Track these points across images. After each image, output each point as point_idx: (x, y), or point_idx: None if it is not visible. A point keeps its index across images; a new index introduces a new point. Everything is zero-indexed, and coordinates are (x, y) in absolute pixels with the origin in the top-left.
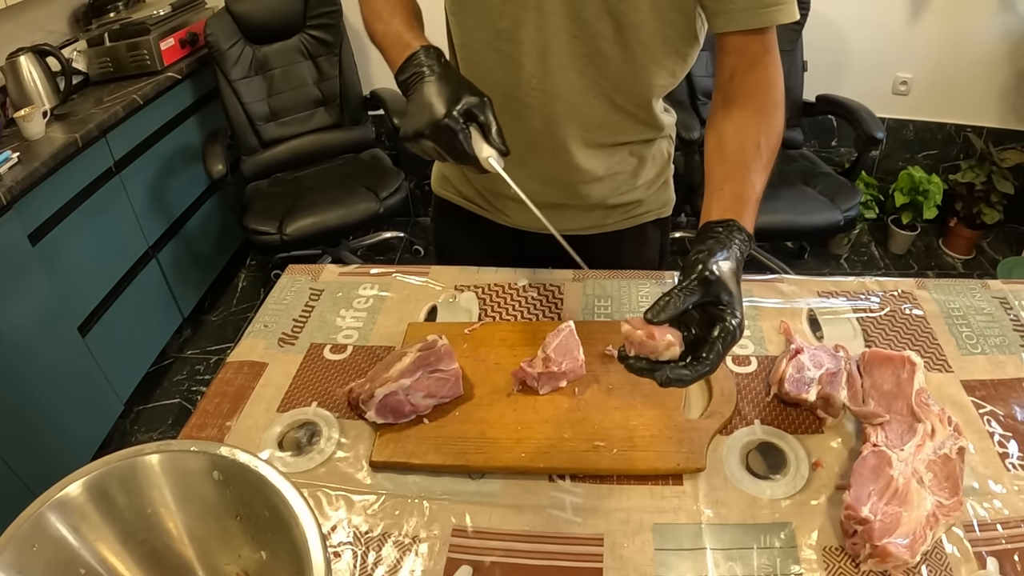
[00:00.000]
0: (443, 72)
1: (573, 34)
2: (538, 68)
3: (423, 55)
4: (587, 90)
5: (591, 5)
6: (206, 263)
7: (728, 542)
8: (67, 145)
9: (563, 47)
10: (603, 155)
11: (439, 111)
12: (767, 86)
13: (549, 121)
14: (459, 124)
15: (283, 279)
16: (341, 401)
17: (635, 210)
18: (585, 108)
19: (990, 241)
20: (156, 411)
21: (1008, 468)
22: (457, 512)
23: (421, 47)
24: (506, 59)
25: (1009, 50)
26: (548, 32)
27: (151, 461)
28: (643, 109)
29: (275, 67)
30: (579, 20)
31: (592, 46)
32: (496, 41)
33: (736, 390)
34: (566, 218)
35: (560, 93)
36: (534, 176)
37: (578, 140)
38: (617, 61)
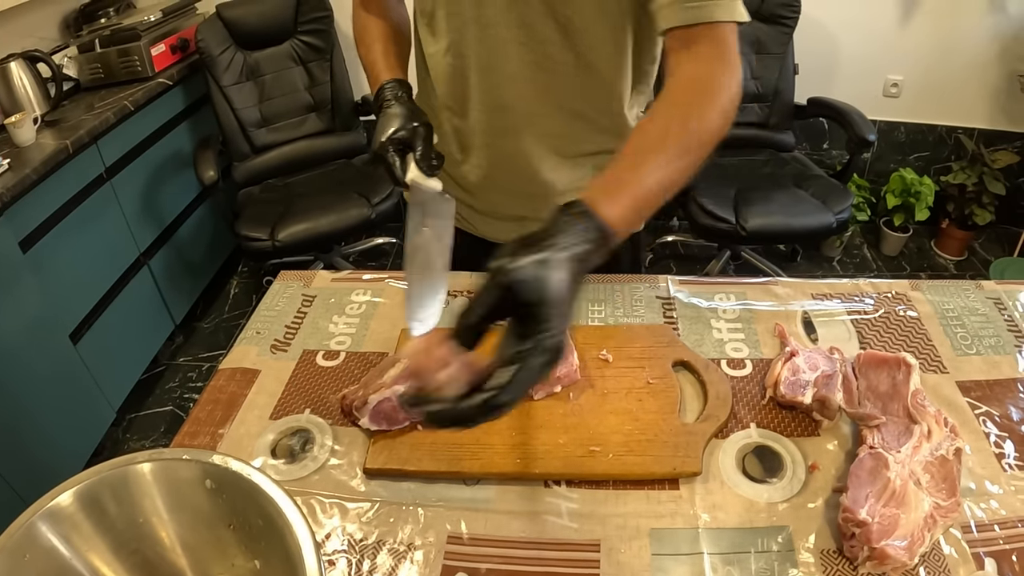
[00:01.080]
0: (397, 105)
1: (520, 42)
2: (486, 80)
3: (388, 90)
4: (541, 100)
5: (534, 11)
6: (198, 270)
7: (725, 546)
8: (58, 152)
9: (510, 57)
10: (567, 166)
11: (377, 142)
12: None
13: (504, 134)
14: (389, 152)
15: (275, 285)
16: (334, 408)
17: None
18: (541, 119)
19: (982, 242)
20: (148, 419)
21: (1005, 469)
22: (452, 519)
23: (387, 82)
24: (457, 72)
25: (999, 51)
26: (492, 43)
27: (143, 470)
28: (607, 116)
29: (266, 73)
30: (525, 26)
31: (541, 53)
32: (446, 56)
33: (731, 393)
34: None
35: (512, 104)
36: (497, 188)
37: (537, 152)
38: (569, 66)
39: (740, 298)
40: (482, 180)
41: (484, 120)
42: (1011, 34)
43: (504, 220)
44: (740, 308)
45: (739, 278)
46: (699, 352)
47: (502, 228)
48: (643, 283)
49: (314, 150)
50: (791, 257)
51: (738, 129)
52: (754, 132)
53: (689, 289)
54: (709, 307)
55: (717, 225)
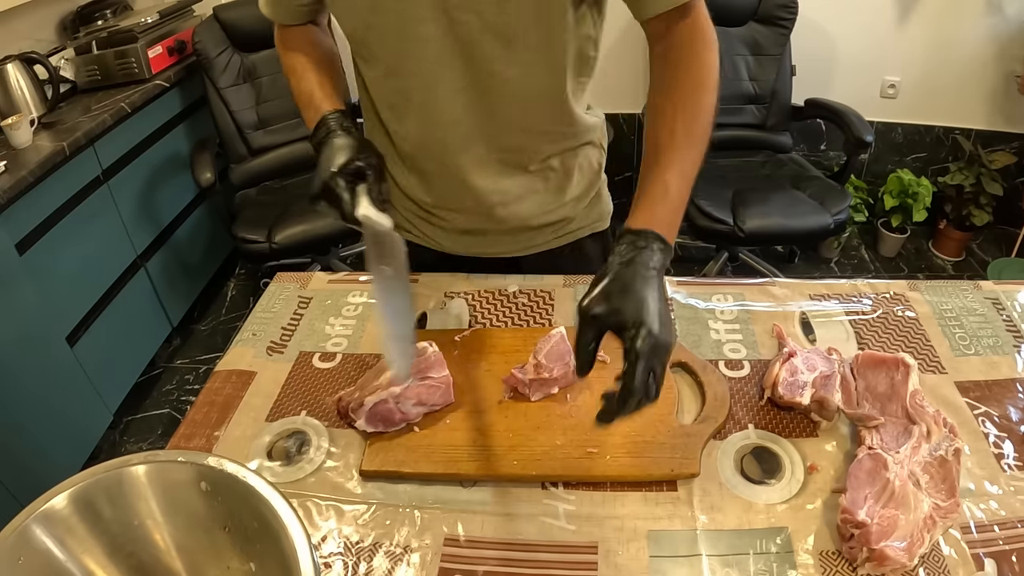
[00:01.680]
0: (343, 136)
1: (463, 60)
2: (429, 100)
3: (332, 120)
4: (486, 115)
5: (474, 28)
6: (195, 272)
7: (724, 548)
8: (55, 153)
9: (455, 76)
10: (517, 176)
11: (326, 173)
12: (689, 67)
13: (452, 151)
14: (339, 185)
15: (271, 287)
16: (331, 410)
17: (565, 227)
18: (487, 133)
19: (980, 243)
20: (146, 421)
21: (1004, 469)
22: (449, 521)
23: (329, 112)
24: (398, 95)
25: (996, 52)
26: (432, 62)
27: (137, 472)
28: (559, 122)
29: (263, 75)
30: (467, 44)
31: (485, 70)
32: (388, 79)
33: (729, 394)
34: (490, 243)
35: (456, 121)
36: (448, 204)
37: (483, 166)
38: (515, 80)
39: (738, 299)
40: (437, 200)
41: (431, 140)
42: (1008, 35)
43: (466, 234)
44: (738, 309)
45: (737, 279)
46: (697, 353)
47: (466, 242)
48: None
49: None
50: (789, 258)
51: (735, 131)
52: (751, 133)
53: (687, 290)
54: (707, 308)
55: (715, 226)
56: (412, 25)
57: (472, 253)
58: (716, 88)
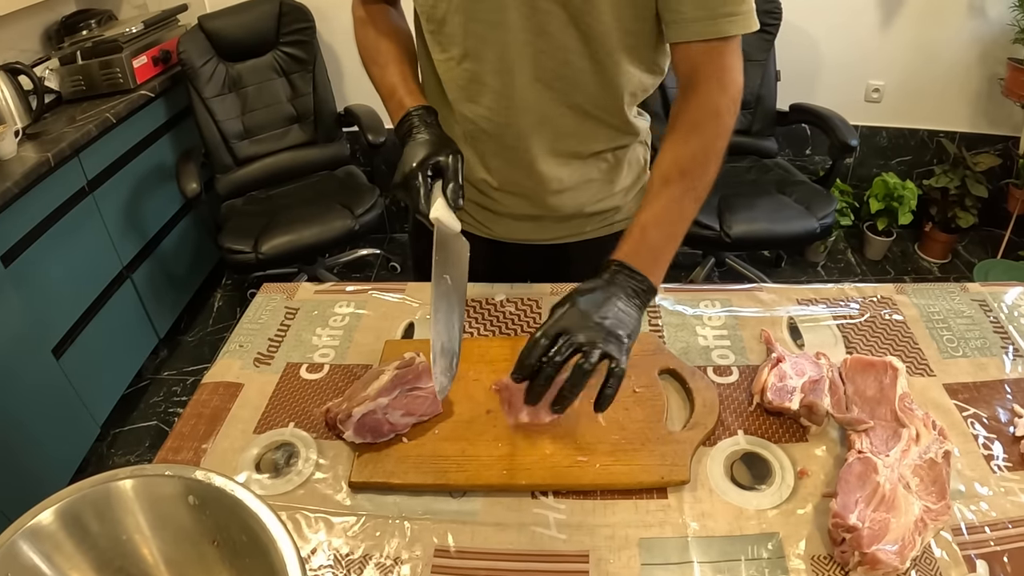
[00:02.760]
0: (429, 131)
1: (539, 49)
2: (505, 85)
3: (415, 117)
4: (557, 103)
5: (556, 19)
6: (181, 283)
7: (715, 554)
8: (39, 164)
9: (528, 62)
10: (576, 164)
11: (410, 166)
12: (699, 106)
13: (519, 136)
14: (422, 179)
15: (258, 298)
16: (319, 421)
17: (613, 217)
18: (555, 120)
19: (965, 244)
20: (133, 434)
21: (994, 470)
22: (439, 532)
23: (413, 108)
24: (474, 77)
25: (980, 55)
26: (512, 49)
27: (125, 486)
28: (616, 116)
29: (249, 84)
30: (544, 35)
31: (560, 59)
32: (464, 61)
33: (718, 400)
34: (543, 228)
35: (529, 108)
36: (508, 189)
37: (548, 152)
38: (587, 72)
39: (725, 305)
40: (498, 183)
41: (503, 125)
42: (991, 38)
43: (520, 220)
44: (725, 315)
45: (724, 285)
46: (685, 360)
47: (518, 228)
48: None
49: (297, 162)
50: (776, 263)
51: None
52: (737, 139)
53: (674, 297)
54: (694, 314)
55: (701, 232)
56: (497, 12)
57: (523, 239)
58: (723, 132)
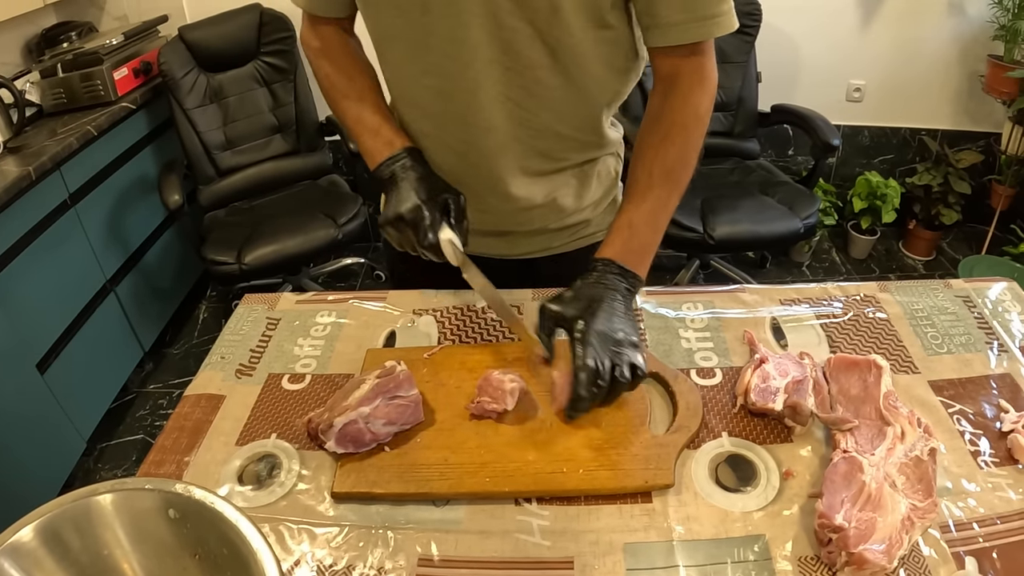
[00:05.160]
0: (424, 171)
1: (506, 67)
2: (470, 103)
3: (407, 156)
4: (526, 122)
5: (523, 35)
6: (166, 295)
7: (701, 558)
8: (20, 178)
9: (496, 81)
10: (543, 182)
11: (419, 198)
12: (682, 107)
13: (485, 155)
14: (430, 212)
15: (239, 309)
16: (301, 432)
17: (582, 231)
18: (524, 139)
19: (949, 241)
20: (120, 447)
21: (981, 466)
22: (423, 541)
23: (405, 148)
24: (437, 94)
25: (960, 53)
26: (478, 67)
27: (104, 501)
28: (589, 131)
29: (230, 95)
30: (511, 52)
31: (529, 77)
32: (425, 78)
33: (702, 403)
34: (511, 244)
35: (496, 126)
36: (474, 205)
37: (516, 170)
38: (557, 88)
39: (708, 307)
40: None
41: (467, 144)
42: (971, 35)
43: (488, 236)
44: (708, 317)
45: (706, 287)
46: (668, 362)
47: (486, 243)
48: None
49: (279, 171)
50: (760, 264)
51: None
52: (719, 141)
53: (656, 300)
54: (677, 317)
55: (684, 235)
56: (460, 29)
57: (492, 254)
58: (703, 133)
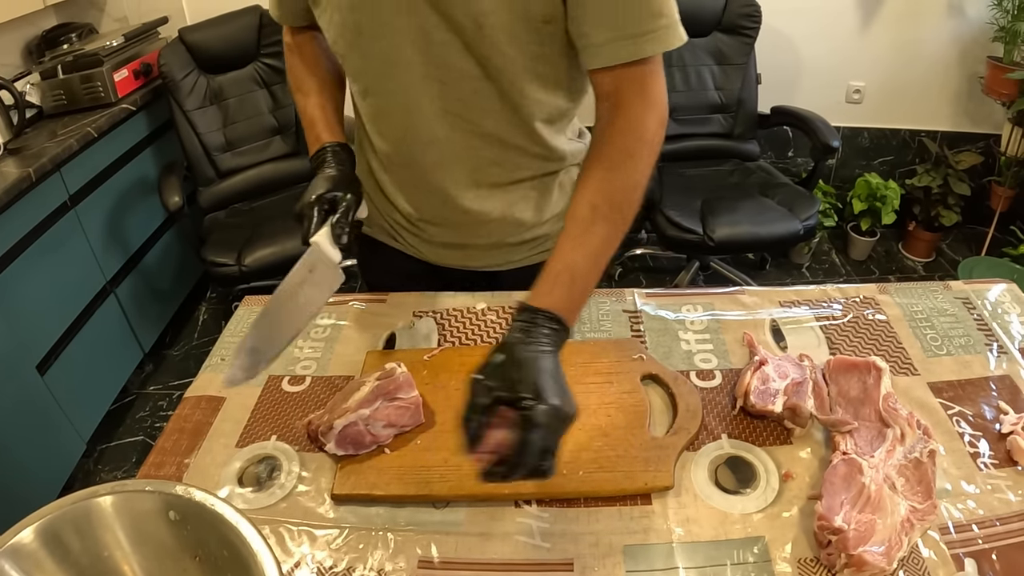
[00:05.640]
0: (334, 168)
1: (442, 81)
2: (412, 119)
3: (328, 153)
4: (470, 134)
5: (453, 49)
6: (166, 297)
7: (701, 560)
8: (20, 180)
9: (435, 96)
10: (498, 195)
11: (305, 200)
12: (627, 131)
13: (430, 170)
14: (314, 212)
15: (239, 311)
16: (301, 434)
17: (542, 245)
18: (470, 152)
19: (949, 243)
20: (120, 449)
21: (980, 468)
22: (423, 543)
23: (327, 144)
24: (380, 111)
25: (959, 54)
26: (414, 83)
27: (104, 503)
28: (537, 144)
29: (230, 97)
30: (445, 66)
31: (466, 88)
32: (368, 96)
33: (701, 405)
34: (469, 257)
35: (439, 141)
36: (431, 218)
37: (467, 185)
38: (494, 100)
39: (707, 309)
40: (421, 214)
41: (412, 158)
42: (970, 37)
43: (449, 248)
44: (708, 319)
45: (706, 288)
46: (667, 365)
47: (449, 255)
48: (609, 297)
49: (279, 173)
50: (760, 266)
51: (703, 140)
52: (719, 143)
53: (656, 302)
54: (676, 319)
55: (684, 236)
56: (393, 49)
57: (454, 266)
58: (652, 157)
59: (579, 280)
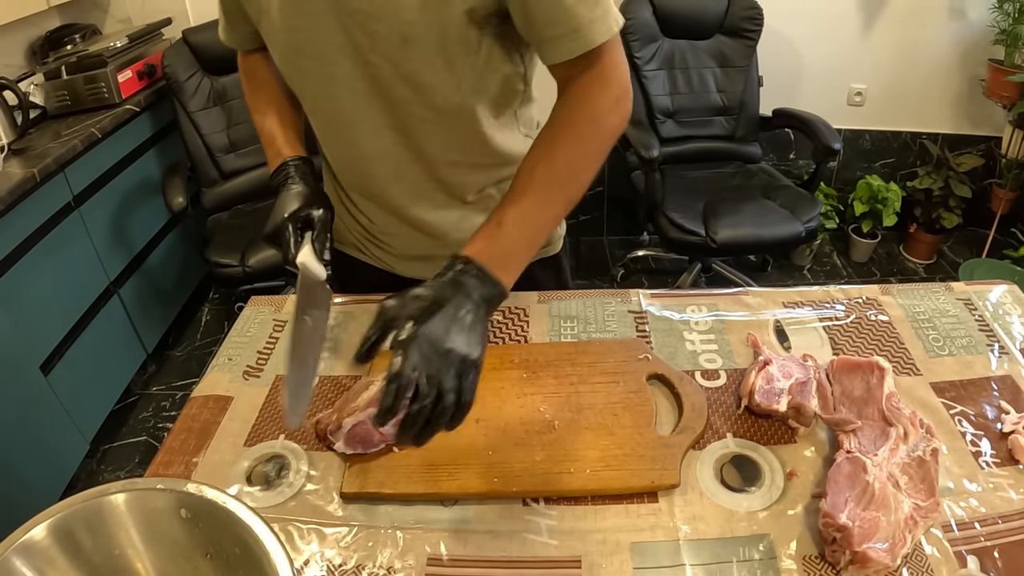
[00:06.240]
0: (301, 184)
1: (382, 98)
2: (356, 137)
3: (291, 167)
4: (408, 153)
5: (384, 71)
6: (169, 298)
7: (707, 557)
8: (25, 180)
9: (373, 115)
10: (455, 207)
11: (279, 217)
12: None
13: (378, 185)
14: (290, 231)
15: (246, 311)
16: (309, 433)
17: None
18: (415, 167)
19: (950, 245)
20: (123, 450)
21: (982, 467)
22: (431, 541)
23: (289, 159)
24: (326, 129)
25: (960, 57)
26: (351, 101)
27: (117, 501)
28: (484, 155)
29: (233, 98)
30: (380, 85)
31: (403, 111)
32: (313, 115)
33: (707, 404)
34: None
35: (382, 157)
36: (391, 232)
37: (421, 197)
38: (429, 122)
39: (712, 309)
40: (380, 226)
41: (359, 173)
42: (971, 40)
43: (415, 260)
44: (712, 319)
45: (710, 290)
46: (673, 365)
47: (415, 267)
48: (615, 298)
49: None
50: (762, 267)
51: (705, 142)
52: (721, 145)
53: (661, 302)
54: (681, 319)
55: (687, 238)
56: (329, 67)
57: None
58: (604, 135)
59: (508, 231)
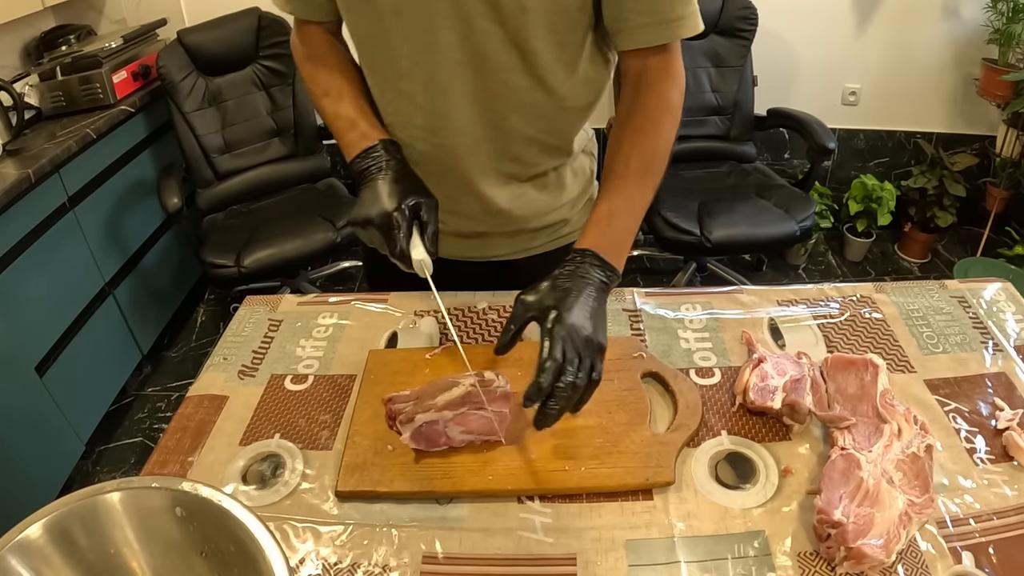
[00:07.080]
0: (399, 168)
1: (476, 69)
2: (441, 106)
3: (383, 149)
4: (496, 125)
5: (494, 39)
6: (164, 298)
7: (702, 554)
8: (19, 181)
9: (467, 84)
10: (515, 184)
11: (389, 204)
12: (654, 104)
13: (456, 157)
14: (402, 220)
15: (241, 311)
16: (304, 432)
17: (561, 230)
18: (495, 142)
19: (945, 244)
20: (118, 450)
21: (976, 463)
22: (427, 539)
23: (380, 141)
24: (410, 99)
25: (954, 56)
26: (447, 70)
27: (112, 499)
28: (558, 138)
29: (228, 98)
30: (481, 55)
31: (498, 80)
32: (400, 82)
33: (701, 402)
34: (489, 245)
35: (465, 129)
36: (449, 209)
37: (489, 172)
38: (526, 91)
39: (706, 308)
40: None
41: (435, 146)
42: (965, 39)
43: (466, 238)
44: (707, 317)
45: (705, 288)
46: (667, 362)
47: (464, 246)
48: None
49: (278, 175)
50: (757, 267)
51: (699, 142)
52: (715, 144)
53: (655, 301)
54: (676, 318)
55: (682, 238)
56: (432, 32)
57: (470, 257)
58: (675, 125)
59: (617, 222)
